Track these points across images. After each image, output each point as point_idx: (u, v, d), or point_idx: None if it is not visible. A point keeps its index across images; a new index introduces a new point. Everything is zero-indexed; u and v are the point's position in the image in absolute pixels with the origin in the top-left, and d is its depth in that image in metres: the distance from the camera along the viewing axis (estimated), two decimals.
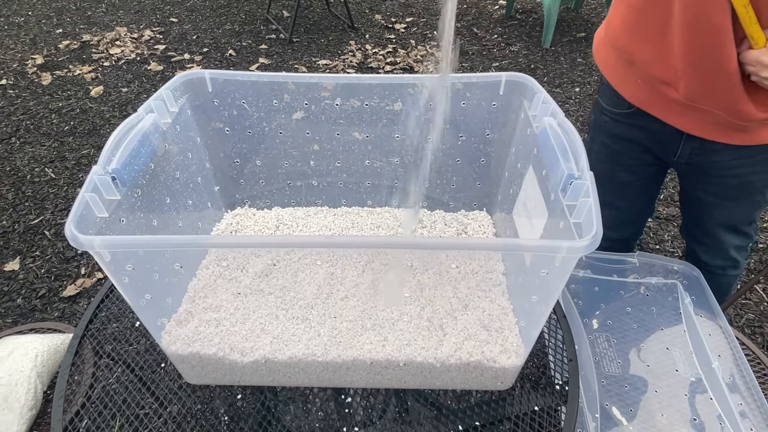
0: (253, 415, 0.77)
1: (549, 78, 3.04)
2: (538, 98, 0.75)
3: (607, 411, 0.90)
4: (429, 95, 0.82)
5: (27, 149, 2.48)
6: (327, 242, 0.61)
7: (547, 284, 0.62)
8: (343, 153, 0.94)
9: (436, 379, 0.76)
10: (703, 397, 0.92)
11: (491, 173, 0.95)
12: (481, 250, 0.84)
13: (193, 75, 0.83)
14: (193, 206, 0.87)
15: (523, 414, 0.76)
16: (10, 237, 2.00)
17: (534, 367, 0.83)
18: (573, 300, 1.10)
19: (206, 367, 0.75)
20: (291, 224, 0.98)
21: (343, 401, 0.78)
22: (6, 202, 2.16)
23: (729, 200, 1.06)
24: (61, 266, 1.88)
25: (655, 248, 1.94)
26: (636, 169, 1.14)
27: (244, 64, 3.21)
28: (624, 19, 0.95)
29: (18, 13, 3.87)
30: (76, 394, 0.83)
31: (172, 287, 0.78)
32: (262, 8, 3.95)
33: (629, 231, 1.31)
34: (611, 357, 1.00)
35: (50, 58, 3.26)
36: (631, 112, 1.03)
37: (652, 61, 0.92)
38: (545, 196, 0.70)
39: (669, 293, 1.11)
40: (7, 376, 1.03)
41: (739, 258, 1.17)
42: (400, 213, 1.00)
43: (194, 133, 0.87)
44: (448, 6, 0.63)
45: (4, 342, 1.11)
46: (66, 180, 2.29)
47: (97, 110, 2.77)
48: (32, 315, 1.72)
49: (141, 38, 3.52)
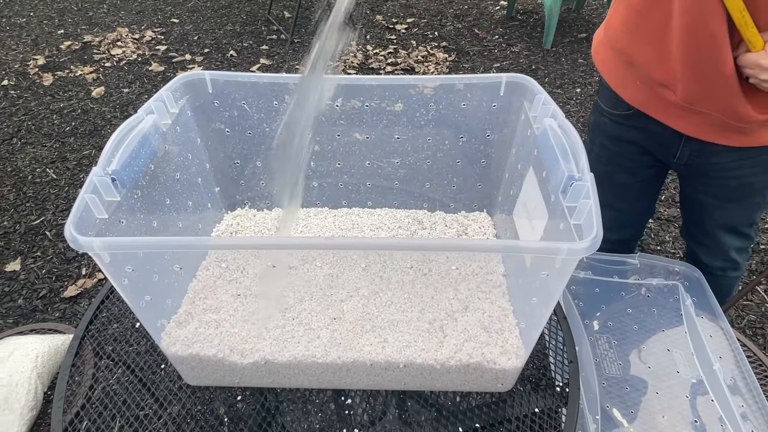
0: (253, 416, 0.77)
1: (550, 79, 3.04)
2: (539, 99, 0.75)
3: (608, 412, 0.90)
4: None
5: (28, 150, 2.48)
6: (327, 244, 0.61)
7: (547, 286, 0.62)
8: (343, 154, 0.94)
9: (437, 380, 0.76)
10: (705, 399, 0.92)
11: (492, 174, 0.95)
12: (480, 251, 0.84)
13: (193, 76, 0.83)
14: (193, 207, 0.87)
15: (524, 416, 0.76)
16: (12, 237, 2.00)
17: (534, 369, 0.83)
18: (574, 301, 1.10)
19: (206, 368, 0.75)
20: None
21: (343, 403, 0.78)
22: (7, 203, 2.16)
23: (729, 202, 1.05)
24: (62, 267, 1.89)
25: (656, 249, 1.94)
26: (636, 171, 1.14)
27: (245, 65, 3.22)
28: (624, 20, 0.95)
29: (20, 14, 3.88)
30: (76, 395, 0.83)
31: (172, 288, 0.78)
32: (264, 9, 3.95)
33: (629, 232, 1.31)
34: (612, 358, 0.99)
35: (52, 59, 3.27)
36: (630, 114, 1.03)
37: (651, 63, 0.92)
38: (545, 198, 0.70)
39: (670, 294, 1.10)
40: (8, 376, 1.03)
41: (740, 259, 1.17)
42: (401, 214, 1.00)
43: (194, 134, 0.87)
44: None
45: (5, 342, 1.11)
46: (67, 180, 2.29)
47: (98, 111, 2.77)
48: (33, 315, 1.72)
49: (142, 39, 3.52)
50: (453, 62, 3.24)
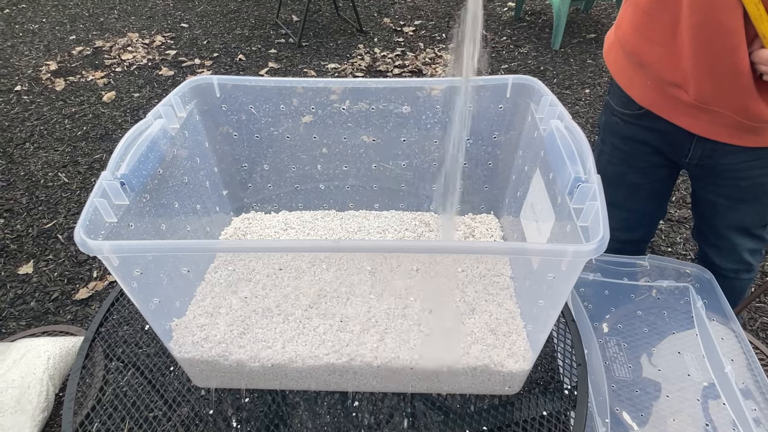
0: (261, 418, 0.77)
1: (558, 80, 3.03)
2: (545, 101, 0.75)
3: (618, 416, 0.89)
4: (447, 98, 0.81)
5: (41, 154, 2.52)
6: (334, 247, 0.62)
7: (554, 288, 0.62)
8: (350, 157, 0.94)
9: (444, 383, 0.76)
10: (716, 403, 0.90)
11: (498, 176, 0.94)
12: (487, 254, 0.83)
13: (201, 80, 0.84)
14: (201, 210, 0.88)
15: (532, 419, 0.76)
16: (24, 241, 2.03)
17: (542, 372, 0.83)
18: (583, 303, 1.09)
19: (214, 370, 0.76)
20: (298, 228, 0.99)
21: (350, 405, 0.78)
22: (20, 206, 2.19)
23: (741, 203, 1.04)
24: (74, 269, 1.91)
25: (667, 251, 1.92)
26: (647, 171, 1.13)
27: (254, 69, 3.24)
28: (632, 22, 0.94)
29: (32, 20, 3.94)
30: (87, 396, 0.83)
31: (180, 291, 0.79)
32: (272, 13, 3.98)
33: (640, 233, 1.30)
34: (622, 361, 0.99)
35: (64, 64, 3.31)
36: (641, 114, 1.02)
37: (662, 64, 0.91)
38: (552, 200, 0.69)
39: (681, 297, 1.09)
40: (20, 378, 1.04)
41: (753, 261, 1.15)
42: (407, 216, 1.00)
43: (202, 138, 0.88)
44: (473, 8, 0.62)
45: (18, 344, 1.13)
46: (79, 184, 2.32)
47: (109, 115, 2.80)
48: (45, 318, 1.74)
49: (152, 44, 3.56)
50: None
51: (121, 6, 4.18)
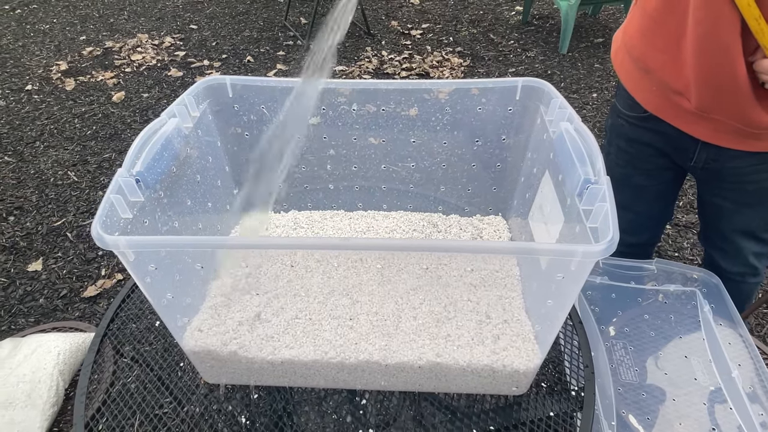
0: (269, 414, 0.78)
1: (566, 84, 3.03)
2: (555, 103, 0.76)
3: (624, 419, 0.90)
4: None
5: (51, 153, 2.54)
6: (343, 245, 0.62)
7: (562, 289, 0.62)
8: (359, 157, 0.95)
9: (451, 382, 0.76)
10: (723, 407, 0.90)
11: (507, 178, 0.95)
12: (496, 253, 0.84)
13: (214, 81, 0.85)
14: (212, 208, 0.89)
15: (538, 419, 0.76)
16: (34, 238, 2.05)
17: (549, 373, 0.83)
18: (590, 307, 1.09)
19: (224, 366, 0.77)
20: (307, 227, 0.99)
21: (357, 403, 0.79)
22: (30, 205, 2.21)
23: (746, 206, 1.04)
24: (82, 267, 1.92)
25: (674, 256, 1.92)
26: (653, 173, 1.13)
27: (262, 70, 3.26)
28: (640, 28, 0.95)
29: (43, 21, 3.98)
30: (97, 391, 0.84)
31: (193, 287, 0.80)
32: (280, 15, 4.00)
33: (647, 236, 1.30)
34: (628, 364, 0.99)
35: (74, 64, 3.35)
36: (647, 116, 1.03)
37: (666, 71, 0.92)
38: (561, 201, 0.70)
39: (688, 301, 1.09)
40: (31, 373, 1.05)
41: (759, 265, 1.15)
42: (416, 217, 1.01)
43: (214, 138, 0.89)
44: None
45: (28, 340, 1.14)
46: (88, 183, 2.34)
47: (118, 115, 2.83)
48: (54, 315, 1.76)
49: (161, 45, 3.59)
50: (468, 67, 3.24)
51: (131, 7, 4.22)
